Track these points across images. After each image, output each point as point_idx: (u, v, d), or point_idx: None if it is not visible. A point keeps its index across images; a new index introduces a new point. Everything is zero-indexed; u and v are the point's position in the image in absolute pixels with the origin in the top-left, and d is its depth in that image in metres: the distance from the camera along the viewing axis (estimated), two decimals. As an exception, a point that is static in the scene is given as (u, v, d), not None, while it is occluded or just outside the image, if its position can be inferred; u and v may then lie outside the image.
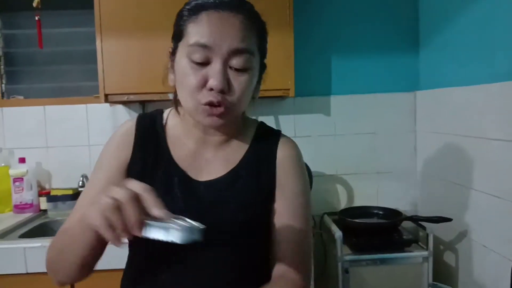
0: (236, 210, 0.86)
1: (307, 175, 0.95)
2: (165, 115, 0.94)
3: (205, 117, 0.80)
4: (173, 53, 0.84)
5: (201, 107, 0.79)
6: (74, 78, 2.19)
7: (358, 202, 2.17)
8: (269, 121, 2.10)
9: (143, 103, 2.08)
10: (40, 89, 2.18)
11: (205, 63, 0.78)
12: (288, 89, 1.85)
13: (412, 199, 2.20)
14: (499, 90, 1.48)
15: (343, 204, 2.19)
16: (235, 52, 0.78)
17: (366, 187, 2.18)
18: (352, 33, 2.14)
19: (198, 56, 0.77)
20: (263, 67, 0.89)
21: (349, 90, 2.15)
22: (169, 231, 0.58)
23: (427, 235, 1.74)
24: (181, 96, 0.83)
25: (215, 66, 0.77)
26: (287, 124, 2.12)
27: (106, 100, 1.82)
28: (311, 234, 0.93)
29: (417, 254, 1.75)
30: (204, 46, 0.76)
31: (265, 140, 0.94)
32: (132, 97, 1.83)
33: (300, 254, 0.88)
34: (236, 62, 0.78)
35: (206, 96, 0.78)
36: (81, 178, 2.04)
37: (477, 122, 1.63)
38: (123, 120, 2.16)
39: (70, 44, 2.17)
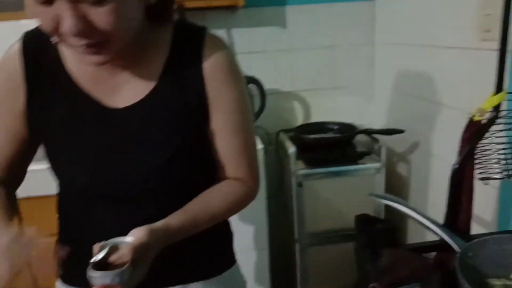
0: (165, 138, 0.75)
1: (244, 82, 0.82)
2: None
3: (83, 56, 0.65)
4: None
5: (75, 48, 0.65)
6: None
7: (314, 118, 2.14)
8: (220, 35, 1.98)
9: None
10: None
11: (49, 2, 0.59)
12: (237, -3, 1.71)
13: (369, 113, 2.18)
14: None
15: (299, 120, 2.16)
16: None
17: (323, 102, 2.14)
18: None
19: None
20: None
21: (304, 0, 2.03)
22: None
23: (380, 147, 1.75)
24: None
25: (60, 6, 0.59)
26: (240, 38, 1.99)
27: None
28: (256, 144, 0.87)
29: (369, 166, 1.77)
30: None
31: (187, 45, 0.77)
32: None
33: (246, 161, 0.83)
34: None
35: (69, 39, 0.63)
36: None
37: (435, 30, 1.56)
38: None
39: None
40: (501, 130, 0.91)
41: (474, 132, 0.89)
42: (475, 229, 1.32)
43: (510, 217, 1.23)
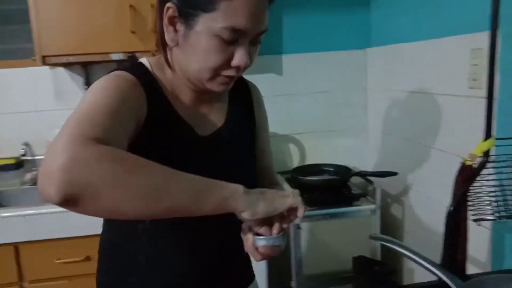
0: (241, 158, 0.93)
1: None
2: (148, 67, 0.85)
3: (218, 86, 0.81)
4: (184, 16, 0.76)
5: (220, 78, 0.80)
6: (14, 40, 2.03)
7: (310, 161, 2.19)
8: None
9: (85, 65, 1.98)
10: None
11: (233, 42, 0.76)
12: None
13: (362, 156, 2.25)
14: (448, 45, 1.50)
15: (295, 163, 2.21)
16: (261, 33, 0.79)
17: (318, 145, 2.21)
18: (302, -10, 2.09)
19: (229, 37, 0.75)
20: None
21: (300, 49, 2.13)
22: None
23: (375, 189, 1.79)
24: (189, 64, 0.79)
25: (244, 47, 0.77)
26: (238, 84, 2.08)
27: (44, 63, 1.72)
28: None
29: (365, 207, 1.81)
30: (239, 31, 0.75)
31: (238, 85, 0.96)
32: (72, 59, 1.74)
33: (274, 174, 1.10)
34: (257, 39, 0.80)
35: (228, 71, 0.79)
36: (23, 147, 1.96)
37: (426, 77, 1.65)
38: (66, 84, 2.12)
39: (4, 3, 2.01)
40: (491, 174, 0.96)
41: (467, 176, 0.94)
42: (470, 269, 1.36)
43: (503, 257, 1.26)
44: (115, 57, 1.70)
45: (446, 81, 1.52)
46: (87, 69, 1.99)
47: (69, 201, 0.56)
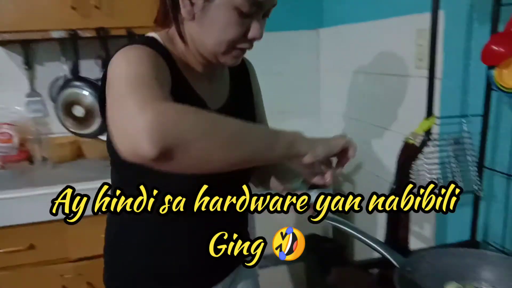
0: None
1: None
2: (161, 42, 0.85)
3: (231, 59, 0.83)
4: None
5: (234, 52, 0.82)
6: None
7: (264, 141, 2.18)
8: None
9: (25, 43, 1.86)
10: None
11: (249, 15, 0.79)
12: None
13: (315, 136, 2.26)
14: (395, 25, 1.51)
15: (250, 144, 2.20)
16: (273, 7, 0.82)
17: (271, 126, 2.19)
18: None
19: (248, 10, 0.77)
20: None
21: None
22: None
23: (327, 168, 1.81)
24: (206, 37, 0.81)
25: (259, 20, 0.80)
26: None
27: (-24, 40, 1.60)
28: None
29: (317, 187, 1.82)
30: (258, 4, 0.77)
31: None
32: (8, 36, 1.63)
33: None
34: (267, 13, 0.82)
35: (243, 44, 0.81)
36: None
37: (375, 58, 1.67)
38: (5, 64, 1.99)
39: None
40: (433, 152, 0.98)
41: (409, 154, 0.96)
42: (417, 244, 1.41)
43: (445, 232, 1.31)
44: (55, 34, 1.61)
45: (395, 62, 1.54)
46: (27, 48, 1.88)
47: (165, 155, 0.56)
